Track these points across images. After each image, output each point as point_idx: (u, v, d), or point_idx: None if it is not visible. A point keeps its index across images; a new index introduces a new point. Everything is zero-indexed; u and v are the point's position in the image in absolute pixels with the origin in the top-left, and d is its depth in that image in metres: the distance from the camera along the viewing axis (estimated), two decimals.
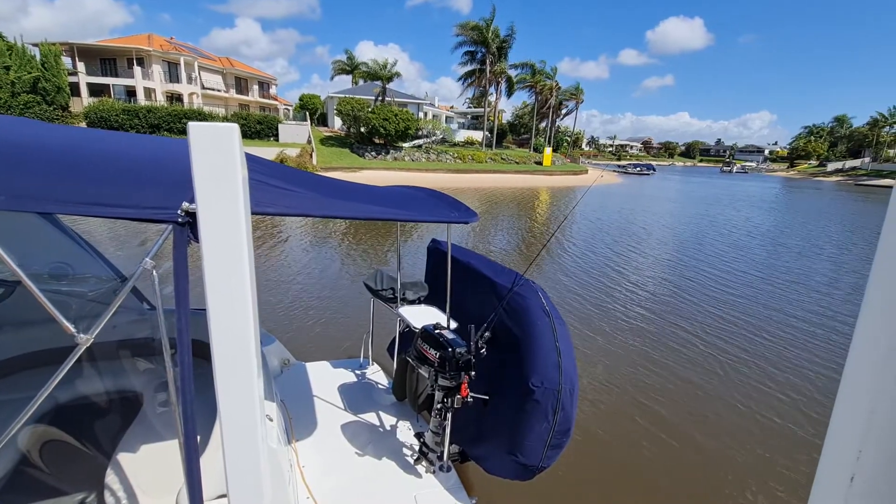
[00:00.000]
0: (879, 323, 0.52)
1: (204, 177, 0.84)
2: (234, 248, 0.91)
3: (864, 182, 56.29)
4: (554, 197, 27.54)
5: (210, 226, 0.87)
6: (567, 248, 12.69)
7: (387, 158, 35.10)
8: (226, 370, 0.97)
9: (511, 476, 2.47)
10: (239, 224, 0.88)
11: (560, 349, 2.34)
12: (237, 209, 0.87)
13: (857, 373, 0.55)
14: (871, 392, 0.52)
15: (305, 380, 3.64)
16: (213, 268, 0.91)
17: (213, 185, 0.85)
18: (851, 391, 0.56)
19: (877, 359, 0.52)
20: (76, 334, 1.30)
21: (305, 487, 2.49)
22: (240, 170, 0.89)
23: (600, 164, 70.85)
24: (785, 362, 6.03)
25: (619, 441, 4.28)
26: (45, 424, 2.20)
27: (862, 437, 0.53)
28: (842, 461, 0.56)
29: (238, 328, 0.93)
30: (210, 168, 0.86)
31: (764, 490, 3.69)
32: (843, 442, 0.56)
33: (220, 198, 0.87)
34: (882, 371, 0.51)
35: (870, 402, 0.52)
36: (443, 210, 2.38)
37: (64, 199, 1.35)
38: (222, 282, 0.93)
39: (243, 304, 0.93)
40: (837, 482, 0.56)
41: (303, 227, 14.48)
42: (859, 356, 0.55)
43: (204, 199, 0.85)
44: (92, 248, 2.90)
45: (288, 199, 1.72)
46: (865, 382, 0.54)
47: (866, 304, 0.53)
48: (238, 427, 1.08)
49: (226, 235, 0.89)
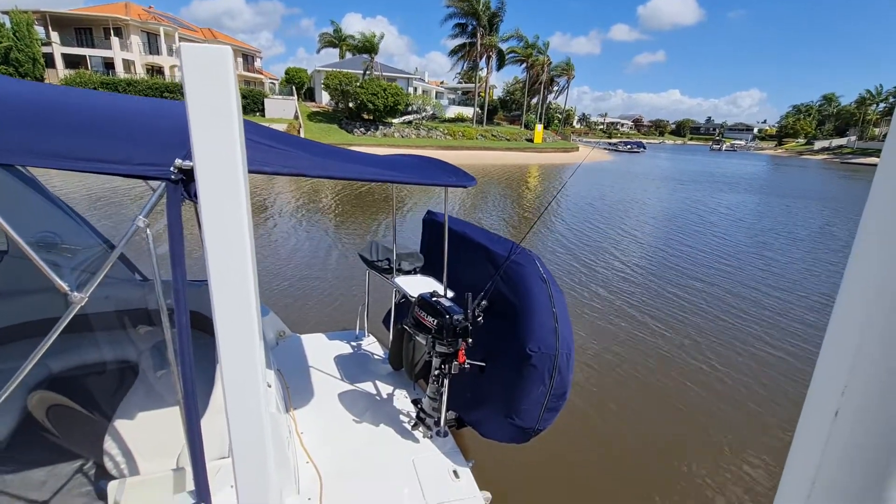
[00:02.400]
0: (869, 262, 0.54)
1: (198, 100, 0.80)
2: (232, 186, 0.88)
3: (850, 160, 56.97)
4: (545, 174, 27.47)
5: (206, 152, 0.83)
6: (552, 225, 12.75)
7: (376, 135, 34.55)
8: (227, 326, 0.96)
9: (507, 439, 2.52)
10: (235, 151, 0.84)
11: (557, 315, 2.36)
12: (232, 129, 0.83)
13: (846, 312, 0.57)
14: (859, 329, 0.54)
15: (301, 351, 3.64)
16: (210, 209, 0.88)
17: (209, 111, 0.82)
18: (839, 329, 0.57)
19: (865, 299, 0.53)
20: (70, 293, 1.27)
21: (304, 452, 2.52)
22: (234, 90, 0.85)
23: (591, 142, 70.55)
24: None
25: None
26: (42, 390, 2.18)
27: (848, 373, 0.54)
28: (827, 396, 0.57)
29: (237, 272, 0.91)
30: (204, 89, 0.82)
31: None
32: (829, 377, 0.57)
33: (216, 124, 0.83)
34: (870, 311, 0.53)
35: (858, 339, 0.53)
36: (440, 174, 2.34)
37: (50, 154, 1.29)
38: (221, 226, 0.90)
39: (242, 249, 0.91)
40: (822, 416, 0.58)
41: (294, 197, 14.30)
42: (849, 295, 0.56)
43: (198, 122, 0.81)
44: (79, 217, 2.83)
45: (283, 158, 1.68)
46: (854, 321, 0.55)
47: (858, 243, 0.55)
48: (240, 388, 1.07)
49: (223, 165, 0.86)
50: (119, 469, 1.95)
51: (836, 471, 0.58)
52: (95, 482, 2.11)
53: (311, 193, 15.72)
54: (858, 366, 0.54)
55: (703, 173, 33.94)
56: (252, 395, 1.04)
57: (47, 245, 2.51)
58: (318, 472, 2.43)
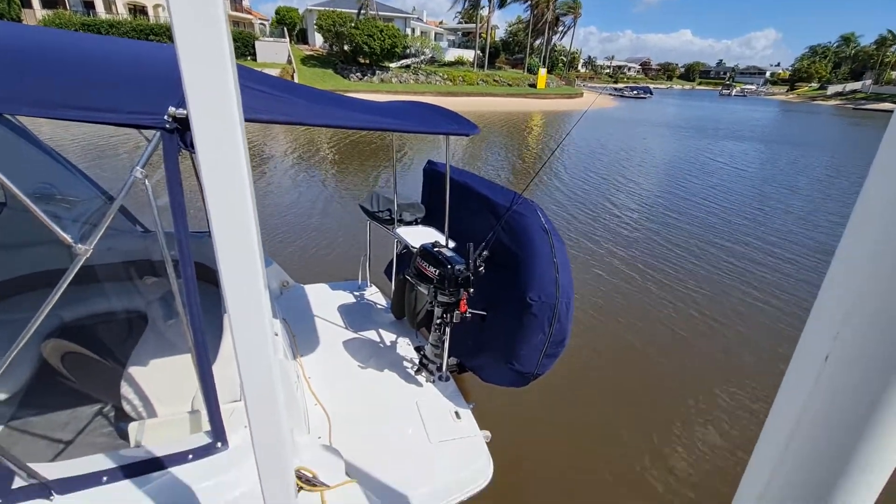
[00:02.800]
0: (871, 218, 0.54)
1: (188, 42, 0.76)
2: (230, 134, 0.86)
3: (863, 106, 55.12)
4: (547, 122, 26.72)
5: (201, 99, 0.80)
6: (553, 175, 12.58)
7: (373, 80, 33.23)
8: (232, 277, 0.96)
9: (507, 383, 2.62)
10: (230, 97, 0.81)
11: (558, 265, 2.38)
12: (226, 74, 0.79)
13: (847, 258, 0.58)
14: (857, 278, 0.55)
15: (305, 301, 3.71)
16: (209, 159, 0.86)
17: (201, 54, 0.78)
18: (838, 276, 0.59)
19: (866, 248, 0.54)
20: (74, 245, 1.27)
21: (313, 395, 2.64)
22: (226, 31, 0.80)
23: (596, 87, 67.93)
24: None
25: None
26: (55, 339, 2.25)
27: (842, 319, 0.56)
28: (820, 340, 0.59)
29: (239, 223, 0.91)
30: (194, 29, 0.77)
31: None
32: (823, 322, 0.59)
33: (209, 68, 0.79)
34: (870, 260, 0.54)
35: (855, 287, 0.55)
36: (442, 122, 2.28)
37: (37, 102, 1.25)
38: (221, 177, 0.88)
39: (243, 200, 0.89)
40: (813, 360, 0.60)
41: (289, 146, 14.01)
42: (850, 245, 0.57)
43: (190, 66, 0.78)
44: (75, 168, 2.78)
45: (280, 105, 1.63)
46: (853, 269, 0.56)
47: (865, 192, 0.55)
48: (249, 335, 1.09)
49: (219, 113, 0.83)
50: (137, 412, 2.05)
51: (821, 411, 0.61)
52: (116, 423, 2.23)
53: (306, 143, 15.36)
54: (853, 313, 0.55)
55: (708, 120, 32.99)
56: (260, 342, 1.07)
57: (45, 197, 2.48)
58: (326, 413, 2.55)
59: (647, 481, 3.18)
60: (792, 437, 0.64)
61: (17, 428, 2.15)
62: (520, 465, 3.22)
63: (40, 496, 1.44)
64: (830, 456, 0.60)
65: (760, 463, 0.71)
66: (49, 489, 1.45)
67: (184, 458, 1.63)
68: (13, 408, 2.21)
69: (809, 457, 0.63)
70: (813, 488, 0.63)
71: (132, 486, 1.54)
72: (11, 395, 2.21)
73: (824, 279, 0.60)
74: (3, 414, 2.18)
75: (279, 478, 1.24)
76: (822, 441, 0.61)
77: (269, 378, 1.15)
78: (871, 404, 0.55)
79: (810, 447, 0.62)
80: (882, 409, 0.54)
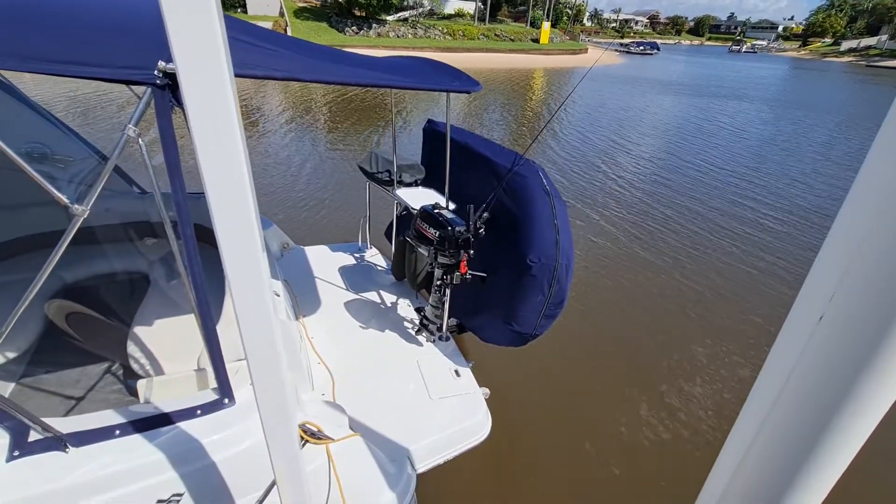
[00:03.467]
0: (872, 186, 0.55)
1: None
2: (220, 91, 0.82)
3: (876, 63, 53.24)
4: (550, 80, 25.91)
5: (188, 52, 0.76)
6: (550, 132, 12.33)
7: (369, 34, 31.94)
8: (229, 237, 0.95)
9: (506, 343, 2.67)
10: (218, 49, 0.77)
11: (559, 227, 2.37)
12: (213, 25, 0.75)
13: (848, 221, 0.58)
14: (856, 240, 0.55)
15: (306, 262, 3.73)
16: (199, 116, 0.83)
17: (187, 3, 0.73)
18: (837, 238, 0.59)
19: (867, 213, 0.55)
20: (71, 205, 1.26)
21: (316, 355, 2.70)
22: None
23: (601, 43, 65.33)
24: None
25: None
26: (59, 300, 2.27)
27: (838, 281, 0.57)
28: (815, 301, 0.60)
29: (234, 182, 0.89)
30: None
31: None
32: (820, 283, 0.60)
33: (196, 16, 0.75)
34: (869, 224, 0.54)
35: (853, 250, 0.55)
36: (443, 78, 2.20)
37: (21, 56, 1.20)
38: (213, 135, 0.85)
39: (236, 157, 0.87)
40: (807, 319, 0.61)
41: (282, 103, 13.65)
42: (852, 206, 0.57)
43: (174, 17, 0.73)
44: (65, 126, 2.71)
45: (273, 60, 1.56)
46: (853, 230, 0.56)
47: (869, 158, 0.55)
48: (248, 293, 1.08)
49: (208, 67, 0.79)
50: (144, 370, 2.10)
51: (812, 372, 0.62)
52: (124, 381, 2.29)
53: (298, 100, 14.94)
54: (849, 273, 0.55)
55: (712, 78, 31.98)
56: (259, 299, 1.07)
57: (38, 157, 2.44)
58: (329, 372, 2.62)
59: (639, 441, 3.31)
60: (783, 389, 0.66)
61: (28, 385, 2.21)
62: (517, 420, 3.35)
63: (56, 449, 1.50)
64: (819, 411, 0.62)
65: (753, 410, 0.74)
66: (64, 442, 1.50)
67: (192, 414, 1.69)
68: (23, 366, 2.26)
69: (799, 409, 0.65)
70: (800, 441, 0.66)
71: (144, 440, 1.59)
72: (21, 354, 2.25)
73: (825, 239, 0.61)
74: (14, 372, 2.23)
75: (284, 437, 1.27)
76: (813, 397, 0.63)
77: (271, 338, 1.16)
78: (861, 371, 0.57)
79: (801, 401, 0.64)
80: (874, 361, 0.56)
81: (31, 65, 1.20)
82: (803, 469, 0.66)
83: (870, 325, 0.55)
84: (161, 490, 1.60)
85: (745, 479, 0.76)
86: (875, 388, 0.57)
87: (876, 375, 0.56)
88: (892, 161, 0.52)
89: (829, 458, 0.64)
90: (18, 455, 1.46)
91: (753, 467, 0.74)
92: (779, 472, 0.70)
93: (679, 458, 3.15)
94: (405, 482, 2.10)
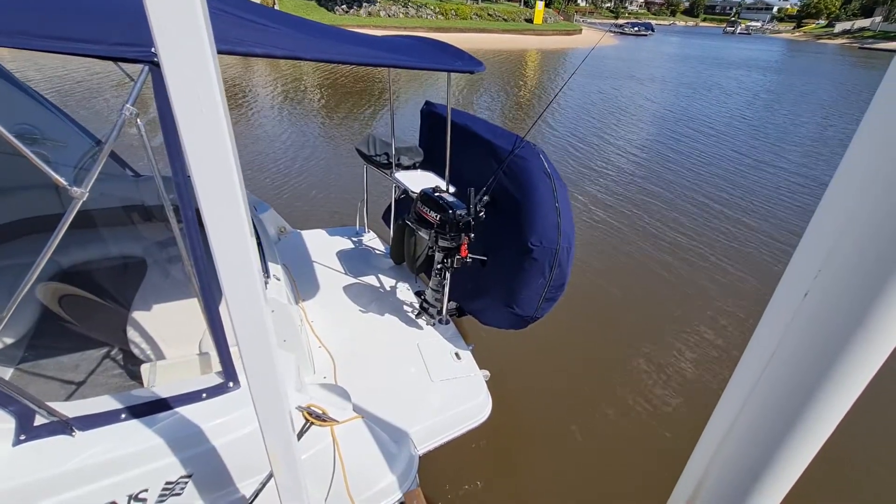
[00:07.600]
0: (859, 164, 0.56)
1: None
2: (201, 68, 0.78)
3: (869, 45, 53.09)
4: (545, 61, 25.58)
5: (166, 26, 0.72)
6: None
7: (360, 13, 31.22)
8: (216, 220, 0.92)
9: (506, 326, 2.69)
10: (197, 20, 0.73)
11: (560, 210, 2.37)
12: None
13: (834, 201, 0.59)
14: (842, 220, 0.56)
15: (304, 247, 3.70)
16: (180, 95, 0.79)
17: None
18: (823, 217, 0.61)
19: (852, 193, 0.56)
20: (70, 187, 1.23)
21: (316, 338, 2.70)
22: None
23: (596, 23, 64.39)
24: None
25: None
26: (51, 282, 2.24)
27: (824, 259, 0.58)
28: (801, 278, 0.62)
29: (219, 162, 0.85)
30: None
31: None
32: (806, 261, 0.61)
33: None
34: (855, 204, 0.55)
35: (839, 229, 0.57)
36: (445, 57, 2.15)
37: (13, 32, 1.15)
38: (195, 114, 0.82)
39: (218, 130, 0.83)
40: (793, 295, 0.63)
41: (274, 82, 13.37)
42: (839, 187, 0.59)
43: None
44: (56, 108, 2.64)
45: (261, 35, 1.49)
46: (839, 211, 0.58)
47: (852, 147, 0.57)
48: (236, 276, 1.05)
49: (184, 32, 0.75)
50: (146, 354, 2.09)
51: (797, 347, 0.64)
52: (125, 365, 2.28)
53: (288, 79, 14.63)
54: (835, 251, 0.57)
55: (706, 59, 31.76)
56: (248, 283, 1.04)
57: (31, 139, 2.37)
58: (330, 355, 2.62)
59: (637, 412, 3.38)
60: (769, 363, 0.68)
61: (28, 370, 2.19)
62: (517, 401, 3.39)
63: (63, 433, 1.49)
64: (803, 384, 0.64)
65: (739, 383, 0.76)
66: (70, 426, 1.50)
67: (198, 397, 1.69)
68: (22, 350, 2.24)
69: (784, 383, 0.67)
70: (784, 413, 0.68)
71: (150, 423, 1.60)
72: (19, 339, 2.23)
73: (811, 219, 0.62)
74: (14, 356, 2.21)
75: (277, 423, 1.25)
76: (797, 371, 0.65)
77: (261, 320, 1.12)
78: (843, 348, 0.59)
79: (786, 374, 0.66)
80: (857, 336, 0.57)
81: (18, 40, 1.15)
82: (787, 439, 0.69)
83: (854, 302, 0.56)
84: (168, 472, 1.61)
85: (731, 449, 0.79)
86: (858, 363, 0.59)
87: (859, 350, 0.58)
88: (877, 142, 0.53)
89: (811, 429, 0.67)
90: (25, 439, 1.45)
91: (740, 438, 0.77)
92: (764, 443, 0.73)
93: (684, 428, 3.23)
94: (408, 463, 2.13)
